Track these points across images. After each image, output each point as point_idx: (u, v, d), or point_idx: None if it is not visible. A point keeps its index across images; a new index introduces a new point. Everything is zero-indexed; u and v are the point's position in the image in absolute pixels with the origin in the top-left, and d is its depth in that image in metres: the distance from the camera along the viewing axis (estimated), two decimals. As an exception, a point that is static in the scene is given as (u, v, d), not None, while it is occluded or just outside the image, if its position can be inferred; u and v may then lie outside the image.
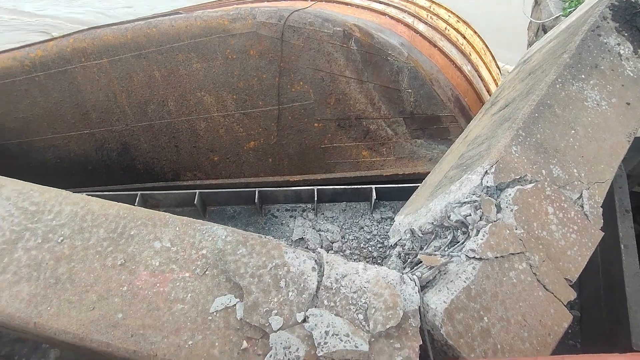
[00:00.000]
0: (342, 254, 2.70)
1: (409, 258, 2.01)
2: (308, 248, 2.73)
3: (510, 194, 1.89)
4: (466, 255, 1.72)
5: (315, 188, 2.89)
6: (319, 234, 2.71)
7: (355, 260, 2.01)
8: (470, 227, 1.80)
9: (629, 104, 2.37)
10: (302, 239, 2.69)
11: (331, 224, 2.81)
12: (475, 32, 6.16)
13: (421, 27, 5.13)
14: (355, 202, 3.07)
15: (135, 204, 2.46)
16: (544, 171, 2.02)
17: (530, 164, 2.02)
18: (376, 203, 3.01)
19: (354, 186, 3.09)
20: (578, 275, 1.79)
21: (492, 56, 6.35)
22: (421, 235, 2.03)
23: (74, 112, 5.22)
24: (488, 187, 1.92)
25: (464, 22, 6.07)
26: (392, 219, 2.96)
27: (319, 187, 2.93)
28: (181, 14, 5.09)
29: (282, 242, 1.78)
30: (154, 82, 4.95)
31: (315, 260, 1.68)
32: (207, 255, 1.68)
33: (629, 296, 2.31)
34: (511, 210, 1.84)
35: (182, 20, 4.81)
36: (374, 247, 2.61)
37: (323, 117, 4.87)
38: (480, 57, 5.84)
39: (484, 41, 6.23)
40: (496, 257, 1.70)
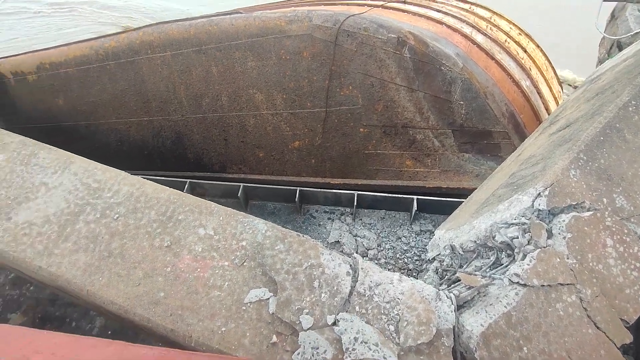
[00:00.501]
0: (376, 262, 2.67)
1: (447, 275, 1.95)
2: (343, 252, 2.73)
3: (564, 220, 1.77)
4: (509, 280, 1.63)
5: (356, 193, 2.88)
6: (355, 239, 2.70)
7: (389, 270, 1.98)
8: (517, 250, 1.71)
9: None
10: (338, 242, 2.69)
11: (368, 230, 2.79)
12: (538, 46, 5.84)
13: (479, 38, 4.96)
14: (395, 211, 3.02)
15: (184, 191, 2.59)
16: (605, 199, 1.87)
17: (590, 190, 1.88)
18: (416, 214, 2.95)
19: (395, 195, 3.05)
20: (637, 318, 1.63)
21: (555, 72, 5.98)
22: (462, 253, 1.96)
23: (136, 99, 5.61)
24: (540, 210, 1.81)
25: (526, 35, 5.78)
26: (431, 232, 2.88)
27: (359, 192, 2.92)
28: (241, 13, 5.30)
29: (319, 243, 1.79)
30: (211, 77, 5.19)
31: (351, 265, 1.68)
32: (246, 247, 1.73)
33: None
34: (564, 238, 1.72)
35: (242, 20, 5.01)
36: (410, 259, 2.55)
37: (369, 122, 4.84)
38: (541, 72, 5.53)
39: (546, 56, 5.89)
40: (542, 286, 1.60)
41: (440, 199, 3.13)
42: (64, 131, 6.28)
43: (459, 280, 1.76)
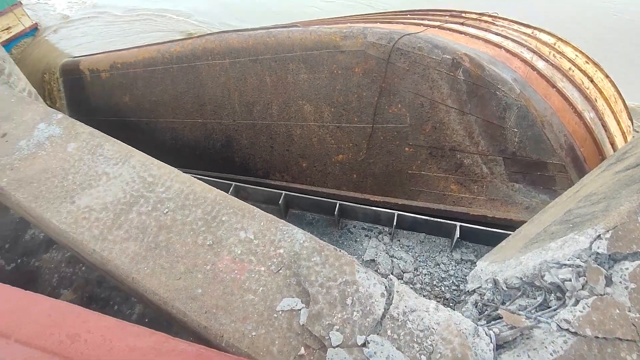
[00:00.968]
0: (411, 286, 2.59)
1: (487, 310, 1.84)
2: (378, 272, 2.68)
3: (627, 269, 1.61)
4: (558, 325, 1.51)
5: (396, 213, 2.82)
6: (392, 260, 2.63)
7: (425, 297, 1.91)
8: (568, 294, 1.58)
9: None
10: (374, 260, 2.64)
11: (406, 252, 2.71)
12: (607, 77, 5.46)
13: (540, 64, 4.74)
14: (435, 236, 2.92)
15: (229, 193, 2.67)
16: (677, 250, 1.68)
17: (661, 238, 1.71)
18: (458, 242, 2.82)
19: (437, 219, 2.95)
20: None
21: (625, 105, 5.55)
22: (505, 289, 1.84)
23: (193, 102, 5.95)
24: (599, 254, 1.67)
25: (594, 63, 5.43)
26: (473, 262, 2.75)
27: (399, 213, 2.86)
28: (299, 27, 5.48)
29: (355, 259, 1.77)
30: (264, 86, 5.39)
31: (386, 287, 1.64)
32: (283, 255, 1.75)
33: None
34: (625, 288, 1.57)
35: (298, 33, 5.17)
36: (447, 288, 2.44)
37: (415, 142, 4.76)
38: (609, 104, 5.15)
39: (616, 87, 5.48)
40: (597, 337, 1.46)
41: (485, 228, 2.98)
42: (127, 126, 6.79)
43: (500, 318, 1.65)
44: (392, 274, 2.68)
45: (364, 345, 1.46)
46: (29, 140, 2.29)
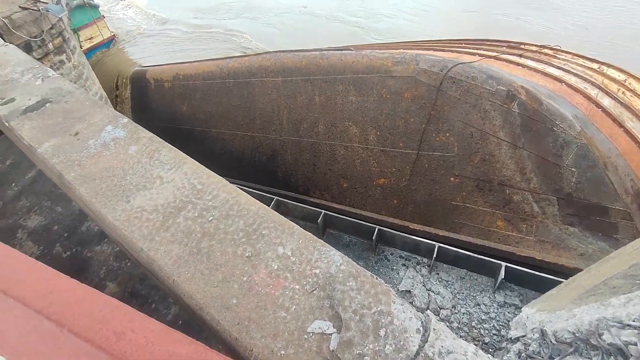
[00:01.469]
0: (448, 324, 2.45)
1: (532, 362, 1.69)
2: (413, 304, 2.57)
3: (703, 338, 1.42)
4: (616, 392, 1.35)
5: (437, 245, 2.71)
6: (429, 294, 2.52)
7: (462, 338, 1.79)
8: (632, 359, 1.41)
9: None
10: (409, 292, 2.54)
11: (444, 288, 2.58)
12: (685, 121, 4.99)
13: (606, 101, 4.44)
14: (478, 273, 2.76)
15: (270, 206, 2.71)
16: None
17: None
18: (502, 283, 2.65)
19: (480, 256, 2.79)
20: None
21: None
22: (554, 342, 1.69)
23: (244, 115, 6.21)
24: (669, 317, 1.48)
25: (670, 105, 4.99)
26: (517, 307, 2.55)
27: (440, 245, 2.75)
28: (351, 50, 5.59)
29: (392, 289, 1.71)
30: (313, 105, 5.52)
31: (422, 322, 1.57)
32: (318, 276, 1.74)
33: None
34: (701, 360, 1.38)
35: (351, 56, 5.27)
36: (487, 332, 2.27)
37: (462, 173, 4.60)
38: (685, 150, 4.69)
39: (696, 132, 4.98)
40: (662, 413, 1.29)
41: (532, 272, 2.77)
42: (182, 133, 7.22)
43: (547, 374, 1.51)
44: (428, 308, 2.56)
45: (394, 381, 1.39)
46: (96, 140, 2.49)
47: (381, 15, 14.82)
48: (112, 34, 14.39)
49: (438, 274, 2.76)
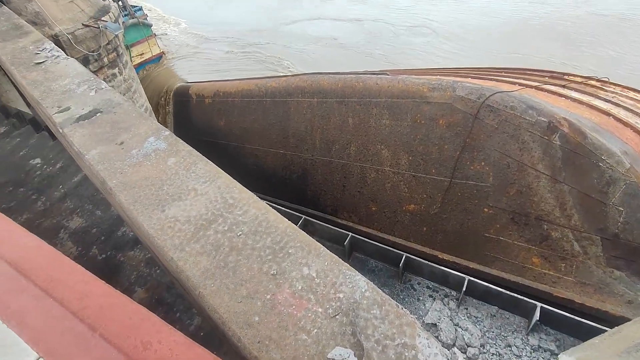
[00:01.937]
0: (476, 364, 2.32)
1: (569, 417, 1.55)
2: (438, 339, 2.46)
3: None
4: None
5: (467, 278, 2.59)
6: (456, 329, 2.39)
7: (490, 381, 1.69)
8: None
9: None
10: (435, 325, 2.42)
11: (473, 324, 2.44)
12: None
13: (660, 138, 4.18)
14: (510, 312, 2.60)
15: (297, 225, 2.72)
16: None
17: None
18: (537, 325, 2.48)
19: (514, 294, 2.63)
20: None
21: None
22: (595, 397, 1.55)
23: (278, 133, 6.35)
24: None
25: None
26: (553, 353, 2.37)
27: (470, 278, 2.62)
28: (387, 75, 5.63)
29: (417, 321, 1.65)
30: (345, 127, 5.57)
31: (448, 360, 1.49)
32: (342, 300, 1.70)
33: None
34: None
35: (386, 81, 5.31)
36: (518, 377, 2.12)
37: (496, 204, 4.43)
38: None
39: None
40: None
41: (572, 316, 2.57)
42: (217, 146, 7.47)
43: None
44: (455, 345, 2.44)
45: (415, 421, 1.32)
46: (139, 150, 2.63)
47: (413, 51, 14.92)
48: (161, 50, 15.37)
49: (467, 308, 2.63)
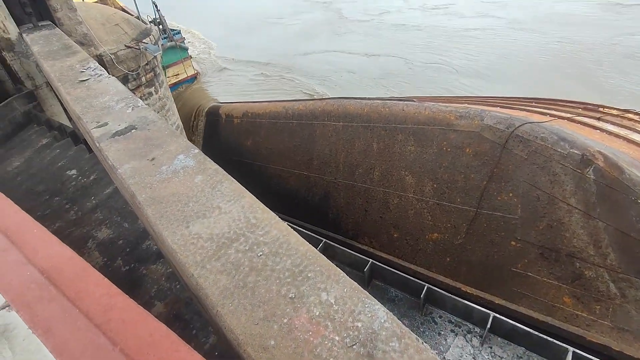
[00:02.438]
0: (500, 410, 2.17)
1: None
2: (460, 378, 2.33)
3: None
4: None
5: (492, 314, 2.46)
6: (479, 369, 2.26)
7: None
8: None
9: None
10: (457, 363, 2.31)
11: (498, 365, 2.30)
12: None
13: None
14: (538, 355, 2.44)
15: (317, 248, 2.71)
16: None
17: None
18: (568, 371, 2.31)
19: (543, 335, 2.48)
20: None
21: None
22: None
23: (303, 155, 6.43)
24: None
25: None
26: (586, 404, 2.20)
27: (495, 315, 2.49)
28: (414, 102, 5.65)
29: (438, 358, 1.58)
30: (370, 151, 5.57)
31: (471, 403, 1.40)
32: (360, 330, 1.66)
33: None
34: None
35: (413, 107, 5.32)
36: None
37: (525, 238, 4.25)
38: None
39: None
40: None
41: (607, 364, 2.39)
42: (243, 165, 7.63)
43: None
44: (477, 386, 2.31)
45: None
46: (168, 167, 2.72)
47: (432, 86, 14.95)
48: (196, 71, 16.11)
49: (491, 347, 2.49)
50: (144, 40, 7.44)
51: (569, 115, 5.03)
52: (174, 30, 15.55)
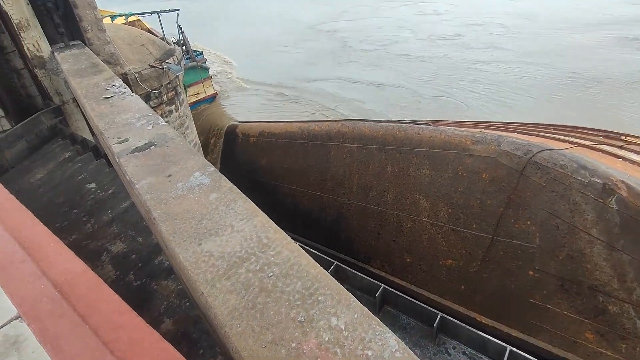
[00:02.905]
0: None
1: None
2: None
3: None
4: None
5: (509, 348, 2.35)
6: (495, 407, 2.14)
7: None
8: None
9: None
10: (471, 399, 2.19)
11: (515, 404, 2.18)
12: None
13: None
14: (559, 394, 2.30)
15: (328, 270, 2.67)
16: None
17: None
18: (591, 414, 2.16)
19: (563, 373, 2.34)
20: None
21: None
22: None
23: (316, 176, 6.45)
24: None
25: None
26: None
27: (512, 349, 2.38)
28: (430, 125, 5.64)
29: (452, 393, 1.50)
30: (384, 174, 5.55)
31: None
32: (370, 358, 1.60)
33: None
34: None
35: (428, 131, 5.31)
36: None
37: (543, 268, 4.10)
38: None
39: None
40: None
41: (635, 408, 2.23)
42: (257, 183, 7.70)
43: None
44: None
45: None
46: (184, 184, 2.76)
47: (442, 118, 15.04)
48: (215, 92, 16.57)
49: (508, 384, 2.37)
50: (167, 61, 7.73)
51: (589, 143, 4.93)
52: (196, 51, 16.14)
